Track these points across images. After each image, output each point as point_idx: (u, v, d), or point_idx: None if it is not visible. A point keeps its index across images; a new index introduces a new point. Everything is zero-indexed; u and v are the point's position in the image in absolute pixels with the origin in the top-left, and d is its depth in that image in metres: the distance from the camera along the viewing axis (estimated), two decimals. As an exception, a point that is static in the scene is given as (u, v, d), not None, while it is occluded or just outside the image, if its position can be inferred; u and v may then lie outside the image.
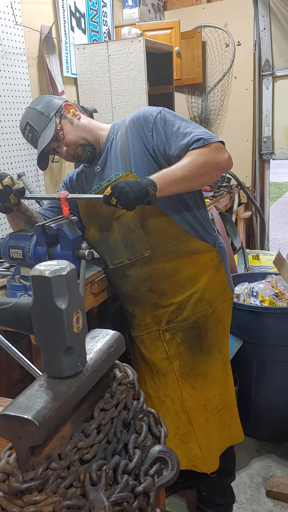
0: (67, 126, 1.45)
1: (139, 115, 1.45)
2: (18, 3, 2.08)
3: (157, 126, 1.40)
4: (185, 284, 1.50)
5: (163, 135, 1.40)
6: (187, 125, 1.40)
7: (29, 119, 1.45)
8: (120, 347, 0.74)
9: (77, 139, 1.46)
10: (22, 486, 0.54)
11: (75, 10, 2.58)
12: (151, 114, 1.43)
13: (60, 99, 1.49)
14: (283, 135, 3.43)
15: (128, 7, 3.12)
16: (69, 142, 1.46)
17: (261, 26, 3.25)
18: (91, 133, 1.49)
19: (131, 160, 1.43)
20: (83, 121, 1.49)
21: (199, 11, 3.48)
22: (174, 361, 1.54)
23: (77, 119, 1.48)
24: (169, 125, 1.40)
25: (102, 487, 0.57)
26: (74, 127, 1.46)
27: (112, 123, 1.56)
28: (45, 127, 1.43)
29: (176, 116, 1.43)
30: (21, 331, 0.66)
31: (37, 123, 1.44)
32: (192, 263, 1.50)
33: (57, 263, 0.60)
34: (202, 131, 1.38)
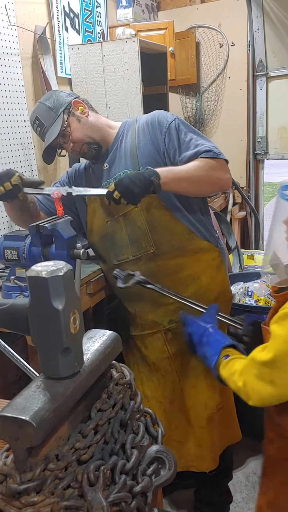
0: (74, 124, 1.47)
1: (154, 118, 1.48)
2: (12, 3, 2.07)
3: (170, 132, 1.44)
4: (187, 282, 1.51)
5: (176, 141, 1.43)
6: (199, 137, 1.45)
7: (38, 113, 1.48)
8: (117, 347, 0.75)
9: (83, 137, 1.48)
10: (20, 487, 0.54)
11: (69, 10, 2.57)
12: (166, 120, 1.46)
13: (70, 96, 1.51)
14: (277, 135, 3.44)
15: (122, 8, 3.12)
16: (75, 139, 1.48)
17: (255, 27, 3.27)
18: (98, 132, 1.50)
19: (139, 159, 1.45)
20: (91, 119, 1.50)
21: (193, 12, 3.48)
22: (176, 361, 1.54)
23: (85, 116, 1.49)
24: (182, 134, 1.44)
25: (100, 487, 0.57)
26: (81, 125, 1.48)
27: (123, 121, 1.57)
28: (53, 122, 1.45)
29: (189, 127, 1.48)
30: (18, 332, 0.66)
31: (45, 118, 1.46)
32: (195, 261, 1.52)
33: (54, 263, 0.60)
34: (213, 145, 1.43)
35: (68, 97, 1.49)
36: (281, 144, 3.45)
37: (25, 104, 2.20)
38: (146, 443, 0.71)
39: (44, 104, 1.47)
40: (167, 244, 1.48)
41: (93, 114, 1.53)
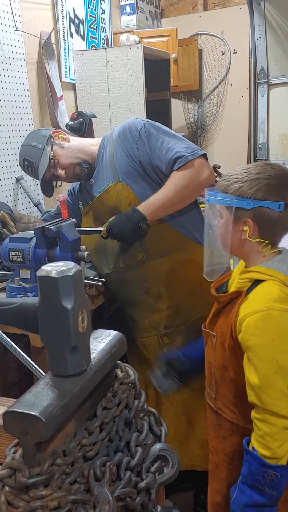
0: (59, 151, 1.53)
1: (125, 128, 1.51)
2: (18, 9, 2.11)
3: (141, 139, 1.46)
4: (181, 285, 1.52)
5: (148, 148, 1.46)
6: (169, 139, 1.45)
7: (25, 155, 1.56)
8: (122, 347, 0.76)
9: (71, 160, 1.54)
10: (28, 481, 0.55)
11: (74, 16, 2.61)
12: (135, 127, 1.48)
13: (47, 130, 1.59)
14: (278, 142, 3.48)
15: (126, 14, 3.16)
16: (64, 164, 1.53)
17: (257, 35, 3.31)
18: (83, 151, 1.56)
19: (118, 170, 1.49)
20: (73, 143, 1.57)
21: (195, 19, 3.53)
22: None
23: (66, 142, 1.56)
24: (153, 139, 1.46)
25: (106, 482, 0.58)
26: (66, 150, 1.54)
27: (102, 136, 1.62)
28: (41, 157, 1.52)
29: (159, 130, 1.48)
30: (27, 330, 0.67)
31: (32, 156, 1.54)
32: (187, 263, 1.52)
33: (64, 264, 0.62)
34: (184, 146, 1.43)
35: (46, 131, 1.58)
36: (282, 151, 3.48)
37: (30, 108, 2.22)
38: (150, 442, 0.72)
39: (28, 144, 1.56)
40: (157, 249, 1.50)
41: (73, 138, 1.60)
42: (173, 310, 1.52)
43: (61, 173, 1.54)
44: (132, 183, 1.47)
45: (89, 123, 1.96)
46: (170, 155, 1.42)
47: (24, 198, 2.18)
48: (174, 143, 1.44)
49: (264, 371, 0.96)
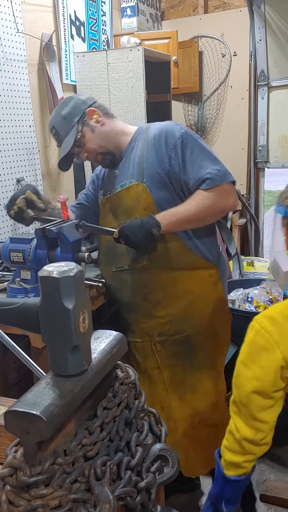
0: (88, 134, 1.46)
1: (162, 132, 1.44)
2: (19, 11, 2.11)
3: (176, 149, 1.41)
4: (180, 296, 1.49)
5: (180, 160, 1.41)
6: (204, 156, 1.41)
7: (54, 123, 1.49)
8: (123, 348, 0.77)
9: (96, 148, 1.48)
10: (29, 480, 0.55)
11: (75, 18, 2.62)
12: (173, 135, 1.42)
13: (85, 103, 1.49)
14: (278, 144, 3.49)
15: (127, 17, 3.17)
16: (89, 149, 1.48)
17: (257, 38, 3.32)
18: (111, 141, 1.49)
19: (144, 172, 1.44)
20: (105, 128, 1.49)
21: (196, 22, 3.54)
22: (165, 371, 1.55)
23: (99, 125, 1.48)
24: (188, 152, 1.41)
25: (107, 482, 0.58)
26: (95, 135, 1.47)
27: (138, 126, 1.55)
28: (68, 132, 1.46)
29: (195, 144, 1.42)
30: (28, 330, 0.68)
31: (61, 128, 1.47)
32: (189, 276, 1.49)
33: (65, 264, 0.62)
34: (216, 168, 1.39)
35: (83, 105, 1.48)
36: (282, 153, 3.49)
37: (31, 110, 2.23)
38: (150, 442, 0.73)
39: (60, 113, 1.48)
40: (162, 258, 1.46)
41: (108, 121, 1.51)
42: (169, 319, 1.50)
43: (83, 156, 1.50)
44: (154, 188, 1.42)
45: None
46: (201, 174, 1.38)
47: (24, 199, 2.19)
48: (208, 162, 1.40)
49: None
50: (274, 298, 2.15)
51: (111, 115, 1.54)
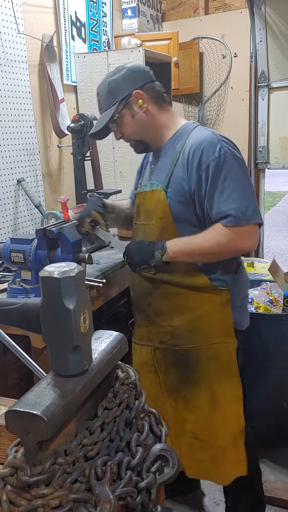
0: (127, 117, 1.39)
1: (200, 146, 1.31)
2: (20, 12, 2.12)
3: (207, 171, 1.29)
4: (182, 311, 1.44)
5: (209, 184, 1.30)
6: (236, 188, 1.28)
7: (100, 91, 1.42)
8: (123, 348, 0.77)
9: (131, 134, 1.42)
10: (30, 479, 0.55)
11: (76, 19, 2.62)
12: (210, 154, 1.29)
13: (135, 83, 1.37)
14: (278, 145, 3.49)
15: (128, 18, 3.18)
16: (124, 133, 1.43)
17: (258, 39, 3.32)
18: (149, 131, 1.41)
19: (171, 179, 1.36)
20: (147, 117, 1.39)
21: (197, 23, 3.54)
22: (161, 376, 1.53)
23: (142, 112, 1.38)
24: (220, 178, 1.29)
25: (107, 481, 0.58)
26: (134, 121, 1.39)
27: (185, 123, 1.43)
28: (108, 107, 1.39)
29: (231, 170, 1.29)
30: (29, 330, 0.68)
31: (103, 100, 1.41)
32: (196, 294, 1.42)
33: (66, 264, 0.63)
34: (244, 206, 1.28)
35: (132, 84, 1.37)
36: (282, 153, 3.49)
37: (31, 111, 2.24)
38: (150, 442, 0.73)
39: (108, 84, 1.39)
40: (170, 272, 1.40)
41: (154, 109, 1.40)
42: (170, 330, 1.47)
43: (117, 135, 1.45)
44: (176, 200, 1.35)
45: (91, 125, 1.97)
46: (225, 208, 1.28)
47: (25, 200, 2.19)
48: (237, 196, 1.27)
49: None
50: (274, 299, 2.15)
51: (162, 102, 1.42)
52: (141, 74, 1.40)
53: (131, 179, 2.62)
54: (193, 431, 1.51)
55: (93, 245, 1.91)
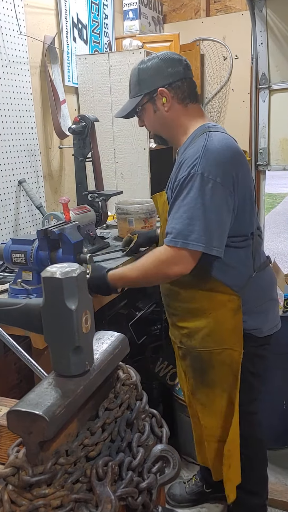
0: (149, 111, 1.41)
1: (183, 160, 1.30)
2: (22, 13, 2.13)
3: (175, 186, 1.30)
4: (196, 313, 1.43)
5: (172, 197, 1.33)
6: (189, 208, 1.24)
7: (131, 76, 1.43)
8: (124, 348, 0.77)
9: (150, 128, 1.46)
10: (32, 479, 0.56)
11: (77, 21, 2.63)
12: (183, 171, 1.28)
13: (166, 78, 1.35)
14: (279, 147, 3.49)
15: (129, 20, 3.18)
16: (146, 124, 1.46)
17: (259, 41, 3.33)
18: (167, 130, 1.43)
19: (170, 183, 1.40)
20: (168, 115, 1.39)
21: (198, 25, 3.55)
22: (187, 374, 1.55)
23: (164, 110, 1.38)
24: (179, 195, 1.27)
25: (108, 482, 0.59)
26: (155, 117, 1.40)
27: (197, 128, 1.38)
28: (134, 96, 1.41)
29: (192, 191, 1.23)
30: (31, 330, 0.68)
31: (131, 87, 1.43)
32: (208, 297, 1.40)
33: (68, 265, 0.63)
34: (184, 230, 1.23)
35: (160, 80, 1.35)
36: (283, 155, 3.50)
37: (33, 112, 2.24)
38: (151, 443, 0.73)
39: (138, 71, 1.39)
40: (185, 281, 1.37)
41: (176, 109, 1.38)
42: (186, 332, 1.47)
43: (140, 123, 1.47)
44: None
45: (92, 126, 1.98)
46: (171, 225, 1.27)
47: (26, 201, 2.19)
48: (187, 217, 1.23)
49: None
50: (274, 300, 2.15)
51: (188, 101, 1.39)
52: (172, 68, 1.35)
53: (132, 180, 2.64)
54: (213, 434, 1.52)
55: (94, 246, 1.91)
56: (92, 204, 1.96)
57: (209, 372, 1.46)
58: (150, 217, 2.07)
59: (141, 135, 2.51)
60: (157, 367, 2.18)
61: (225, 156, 1.26)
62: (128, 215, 2.04)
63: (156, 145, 1.56)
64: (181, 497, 1.88)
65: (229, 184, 1.26)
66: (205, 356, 1.45)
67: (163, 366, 2.16)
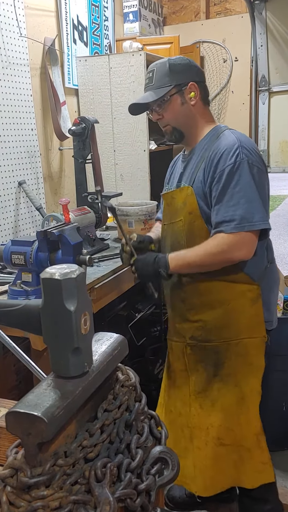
0: (176, 103, 1.42)
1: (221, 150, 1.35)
2: (23, 15, 2.13)
3: (221, 176, 1.33)
4: (215, 305, 1.45)
5: (218, 187, 1.34)
6: (244, 193, 1.30)
7: (157, 68, 1.42)
8: (123, 350, 0.77)
9: (172, 119, 1.44)
10: (30, 480, 0.55)
11: (77, 23, 2.64)
12: (227, 160, 1.33)
13: (197, 75, 1.43)
14: (279, 149, 3.50)
15: (129, 22, 3.19)
16: (166, 116, 1.44)
17: (258, 43, 3.34)
18: (189, 124, 1.45)
19: (195, 178, 1.41)
20: (194, 110, 1.44)
21: (198, 27, 3.56)
22: (191, 376, 1.53)
23: (190, 103, 1.43)
24: (229, 184, 1.32)
25: (107, 483, 0.59)
26: (181, 109, 1.43)
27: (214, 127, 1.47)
28: (160, 86, 1.40)
29: (242, 177, 1.31)
30: (30, 331, 0.68)
31: (158, 78, 1.41)
32: (227, 287, 1.43)
33: (67, 266, 0.63)
34: (246, 213, 1.29)
35: (192, 75, 1.42)
36: (282, 157, 3.50)
37: (33, 113, 2.24)
38: (150, 444, 0.73)
39: (169, 65, 1.40)
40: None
41: (200, 106, 1.45)
42: (201, 325, 1.48)
43: (155, 116, 1.46)
44: (198, 196, 1.40)
45: (92, 128, 1.98)
46: (222, 215, 1.31)
47: (26, 202, 2.20)
48: (245, 201, 1.29)
49: None
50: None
51: (207, 102, 1.49)
52: (200, 71, 1.48)
53: (132, 182, 2.64)
54: (218, 437, 1.50)
55: (93, 248, 1.91)
56: (91, 205, 1.96)
57: (224, 365, 1.47)
58: (150, 219, 2.08)
59: (141, 137, 2.52)
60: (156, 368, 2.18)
61: (255, 147, 1.39)
62: (127, 217, 2.04)
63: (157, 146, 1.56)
64: (180, 499, 1.87)
65: (265, 170, 1.40)
66: (221, 348, 1.46)
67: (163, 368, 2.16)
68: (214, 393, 1.50)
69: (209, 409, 1.51)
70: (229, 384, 1.48)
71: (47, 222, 1.86)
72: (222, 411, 1.49)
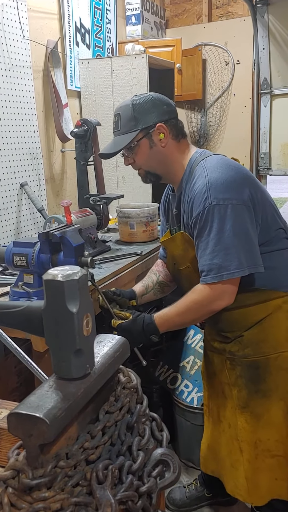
0: (144, 148, 1.37)
1: (191, 197, 1.30)
2: (26, 18, 2.14)
3: (195, 225, 1.29)
4: (252, 325, 1.40)
5: (195, 235, 1.31)
6: (217, 241, 1.24)
7: (121, 113, 1.38)
8: (125, 352, 0.77)
9: (144, 164, 1.40)
10: (32, 482, 0.55)
11: (80, 26, 2.65)
12: (197, 207, 1.28)
13: (163, 115, 1.36)
14: (280, 152, 3.50)
15: (131, 24, 3.21)
16: (137, 161, 1.41)
17: (260, 46, 3.34)
18: (163, 166, 1.41)
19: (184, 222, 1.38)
20: (164, 151, 1.38)
21: (200, 30, 3.57)
22: (234, 390, 1.47)
23: (161, 146, 1.37)
24: (203, 232, 1.27)
25: (109, 485, 0.58)
26: (151, 153, 1.38)
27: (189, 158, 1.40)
28: (126, 132, 1.36)
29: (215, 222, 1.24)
30: (32, 333, 0.68)
31: (123, 123, 1.37)
32: (262, 308, 1.38)
33: (70, 268, 0.63)
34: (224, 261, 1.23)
35: (158, 116, 1.35)
36: (284, 160, 3.50)
37: (35, 115, 2.25)
38: (151, 446, 0.73)
39: (132, 108, 1.36)
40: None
41: (171, 145, 1.38)
42: (239, 341, 1.43)
43: (127, 161, 1.42)
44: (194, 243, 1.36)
45: (94, 130, 1.99)
46: (201, 264, 1.27)
47: (28, 204, 2.20)
48: (215, 252, 1.24)
49: None
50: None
51: (181, 137, 1.41)
52: (167, 106, 1.39)
53: (134, 184, 2.64)
54: (268, 449, 1.44)
55: (95, 249, 1.91)
56: (93, 207, 1.97)
57: (266, 379, 1.40)
58: (151, 221, 2.08)
59: (143, 139, 2.52)
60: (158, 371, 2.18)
61: (228, 175, 1.27)
62: (129, 219, 2.05)
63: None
64: (181, 501, 1.87)
65: (245, 199, 1.27)
66: (261, 363, 1.40)
67: (164, 370, 2.16)
68: (258, 409, 1.43)
69: (255, 424, 1.44)
70: (272, 399, 1.42)
71: (49, 223, 1.86)
72: (268, 426, 1.43)
